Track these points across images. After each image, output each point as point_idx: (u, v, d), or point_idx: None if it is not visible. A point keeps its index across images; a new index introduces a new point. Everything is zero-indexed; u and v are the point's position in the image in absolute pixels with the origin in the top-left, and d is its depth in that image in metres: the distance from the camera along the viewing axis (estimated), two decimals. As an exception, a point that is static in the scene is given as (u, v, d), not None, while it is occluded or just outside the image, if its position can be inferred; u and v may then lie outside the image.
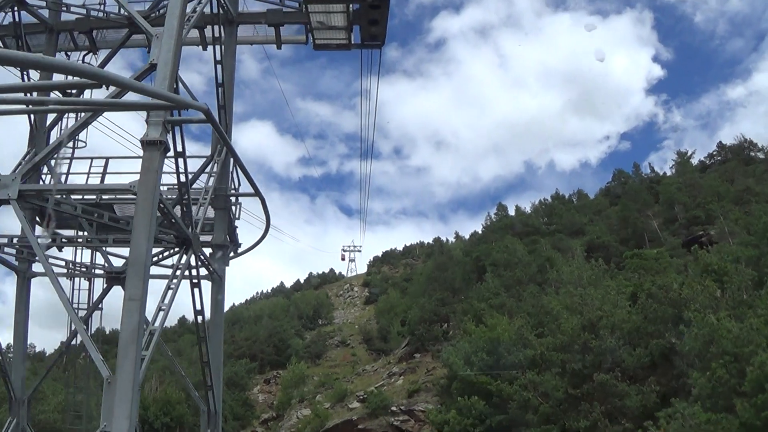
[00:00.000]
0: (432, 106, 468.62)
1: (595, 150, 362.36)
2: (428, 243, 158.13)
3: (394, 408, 48.49)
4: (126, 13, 15.75)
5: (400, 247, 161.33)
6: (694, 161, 76.42)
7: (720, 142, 75.09)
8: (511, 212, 79.43)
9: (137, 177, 11.95)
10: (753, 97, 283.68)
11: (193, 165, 15.89)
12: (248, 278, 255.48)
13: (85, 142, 17.77)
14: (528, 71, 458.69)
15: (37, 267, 16.72)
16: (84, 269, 18.61)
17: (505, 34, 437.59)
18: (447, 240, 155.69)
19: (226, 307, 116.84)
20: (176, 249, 14.88)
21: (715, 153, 75.60)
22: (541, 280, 42.07)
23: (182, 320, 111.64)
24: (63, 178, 16.69)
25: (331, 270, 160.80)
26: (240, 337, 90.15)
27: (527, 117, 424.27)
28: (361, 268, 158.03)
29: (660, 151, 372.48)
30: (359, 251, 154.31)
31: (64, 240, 17.31)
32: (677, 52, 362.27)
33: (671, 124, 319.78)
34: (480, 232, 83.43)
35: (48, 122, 17.02)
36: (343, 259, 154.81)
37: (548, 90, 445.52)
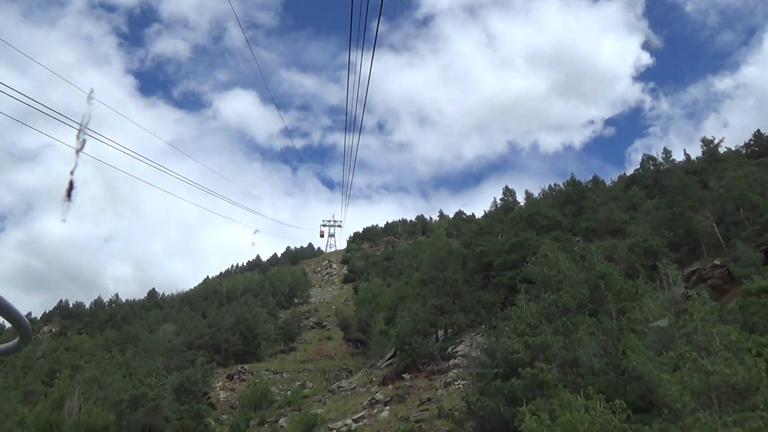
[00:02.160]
0: (417, 82, 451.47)
1: (580, 134, 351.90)
2: (410, 220, 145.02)
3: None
4: None
5: (381, 223, 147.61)
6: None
7: (758, 130, 60.99)
8: (520, 198, 66.55)
9: None
10: (740, 89, 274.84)
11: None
12: (225, 248, 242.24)
13: None
14: (515, 52, 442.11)
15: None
16: None
17: (493, 14, 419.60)
18: (430, 218, 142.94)
19: (199, 280, 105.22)
20: None
21: (752, 142, 61.73)
22: (596, 307, 28.14)
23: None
24: None
25: (310, 245, 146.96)
26: (203, 325, 75.82)
27: (512, 97, 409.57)
28: (341, 244, 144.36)
29: (645, 138, 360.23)
30: (339, 226, 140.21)
31: None
32: (667, 41, 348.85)
33: (658, 111, 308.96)
34: (480, 217, 68.43)
35: None
36: (321, 235, 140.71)
37: (535, 71, 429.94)
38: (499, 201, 67.50)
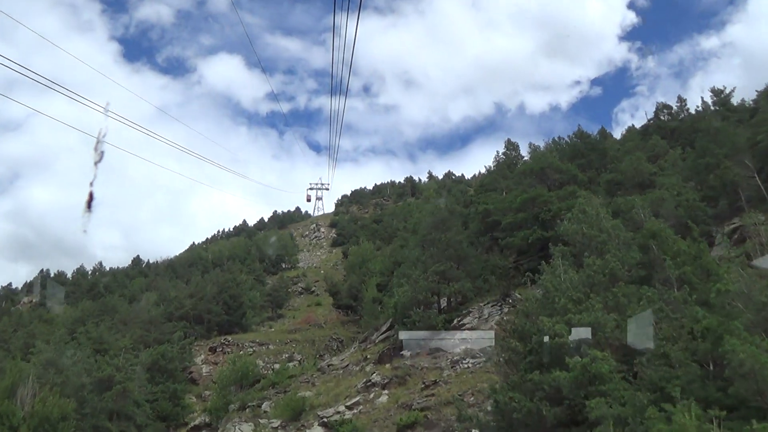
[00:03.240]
0: (402, 44, 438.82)
1: (566, 94, 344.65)
2: (399, 182, 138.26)
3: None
4: None
5: (369, 186, 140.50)
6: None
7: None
8: (524, 152, 59.44)
9: None
10: (727, 48, 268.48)
11: None
12: (212, 213, 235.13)
13: None
14: (501, 12, 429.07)
15: None
16: None
17: None
18: (419, 180, 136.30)
19: (185, 246, 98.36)
20: None
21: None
22: (648, 274, 21.55)
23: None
24: None
25: (297, 209, 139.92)
26: (183, 294, 69.01)
27: (499, 58, 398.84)
28: (329, 207, 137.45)
29: (632, 98, 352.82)
30: (327, 189, 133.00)
31: None
32: (653, 0, 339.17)
33: (644, 71, 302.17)
34: (484, 172, 60.94)
35: None
36: (308, 200, 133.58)
37: (521, 32, 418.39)
38: (501, 155, 60.75)
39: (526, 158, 55.83)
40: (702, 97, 55.47)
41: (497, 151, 60.44)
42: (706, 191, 34.82)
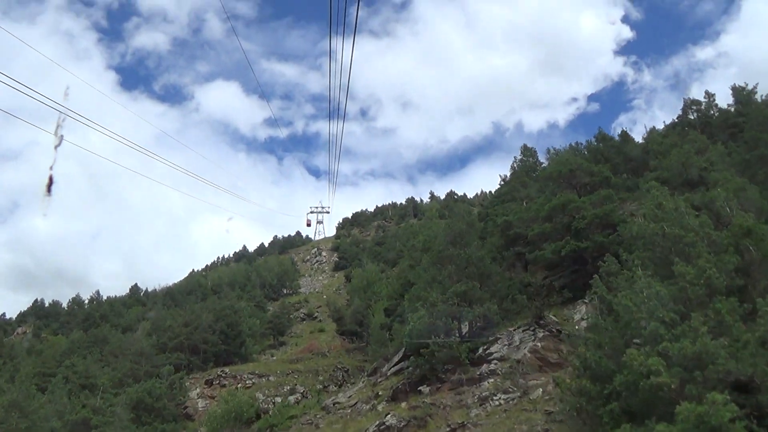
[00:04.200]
0: (398, 67, 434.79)
1: (563, 111, 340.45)
2: (401, 204, 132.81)
3: None
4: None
5: (370, 208, 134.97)
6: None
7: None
8: (541, 159, 53.77)
9: None
10: (722, 58, 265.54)
11: None
12: (211, 241, 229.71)
13: None
14: (495, 31, 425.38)
15: None
16: None
17: None
18: (421, 200, 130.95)
19: (184, 274, 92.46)
20: None
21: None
22: (744, 284, 15.88)
23: None
24: None
25: (298, 233, 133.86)
26: (177, 323, 62.93)
27: (494, 77, 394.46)
28: (330, 231, 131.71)
29: (630, 112, 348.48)
30: (327, 212, 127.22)
31: None
32: (647, 13, 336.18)
33: (641, 84, 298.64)
34: (501, 184, 54.66)
35: None
36: (308, 224, 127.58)
37: (515, 50, 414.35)
38: (517, 162, 55.02)
39: (544, 165, 50.32)
40: (732, 89, 49.77)
41: (514, 158, 55.00)
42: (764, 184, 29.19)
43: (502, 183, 51.84)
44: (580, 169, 35.54)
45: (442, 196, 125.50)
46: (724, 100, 53.52)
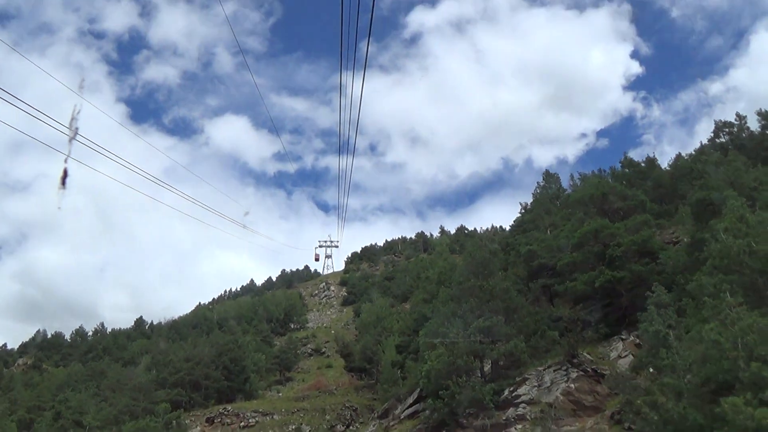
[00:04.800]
0: (407, 102, 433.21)
1: (573, 147, 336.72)
2: (410, 238, 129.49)
3: None
4: None
5: (379, 243, 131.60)
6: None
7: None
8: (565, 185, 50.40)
9: None
10: (731, 93, 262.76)
11: None
12: (219, 274, 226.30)
13: None
14: (504, 66, 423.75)
15: None
16: None
17: (480, 29, 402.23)
18: (431, 235, 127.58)
19: (190, 308, 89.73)
20: None
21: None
22: None
23: None
24: None
25: (306, 267, 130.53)
26: (178, 358, 59.40)
27: (504, 112, 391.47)
28: (339, 265, 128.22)
29: (639, 147, 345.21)
30: (336, 246, 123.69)
31: None
32: (656, 48, 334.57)
33: (650, 119, 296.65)
34: (522, 212, 51.03)
35: None
36: (317, 259, 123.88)
37: (525, 86, 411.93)
38: (539, 188, 51.54)
39: (567, 192, 47.10)
40: (757, 117, 46.49)
41: (537, 183, 51.65)
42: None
43: (523, 211, 48.57)
44: (613, 193, 32.29)
45: (452, 231, 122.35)
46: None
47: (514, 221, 49.09)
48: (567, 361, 25.96)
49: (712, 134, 48.60)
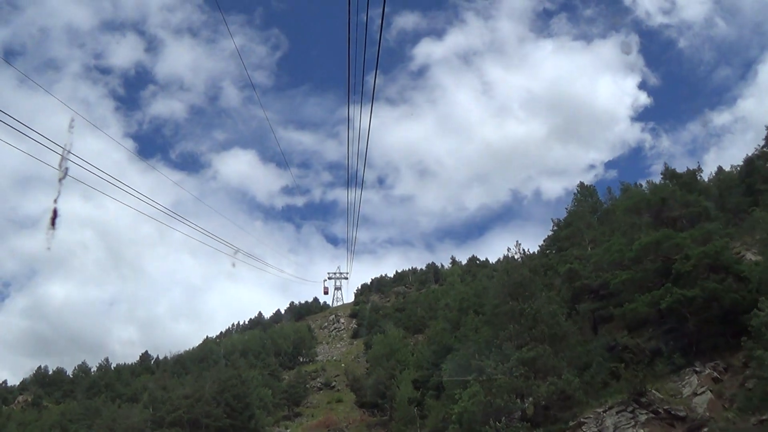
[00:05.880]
0: (415, 134, 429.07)
1: (581, 178, 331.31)
2: (421, 269, 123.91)
3: None
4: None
5: (389, 274, 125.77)
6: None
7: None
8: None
9: None
10: (739, 123, 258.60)
11: None
12: (226, 307, 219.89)
13: None
14: (512, 98, 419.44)
15: None
16: None
17: (488, 60, 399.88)
18: (442, 266, 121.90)
19: (197, 341, 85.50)
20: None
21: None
22: None
23: None
24: None
25: (315, 300, 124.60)
26: (176, 395, 53.60)
27: (511, 144, 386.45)
28: (348, 297, 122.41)
29: (648, 178, 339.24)
30: (346, 278, 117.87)
31: None
32: (664, 79, 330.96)
33: (658, 150, 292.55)
34: (555, 228, 44.87)
35: None
36: (326, 292, 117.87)
37: (532, 117, 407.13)
38: (575, 200, 45.82)
39: (605, 205, 41.66)
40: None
41: (574, 193, 46.16)
42: None
43: (556, 228, 42.89)
44: (674, 198, 26.90)
45: (464, 262, 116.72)
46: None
47: (546, 239, 43.49)
48: (633, 401, 20.33)
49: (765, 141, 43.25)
